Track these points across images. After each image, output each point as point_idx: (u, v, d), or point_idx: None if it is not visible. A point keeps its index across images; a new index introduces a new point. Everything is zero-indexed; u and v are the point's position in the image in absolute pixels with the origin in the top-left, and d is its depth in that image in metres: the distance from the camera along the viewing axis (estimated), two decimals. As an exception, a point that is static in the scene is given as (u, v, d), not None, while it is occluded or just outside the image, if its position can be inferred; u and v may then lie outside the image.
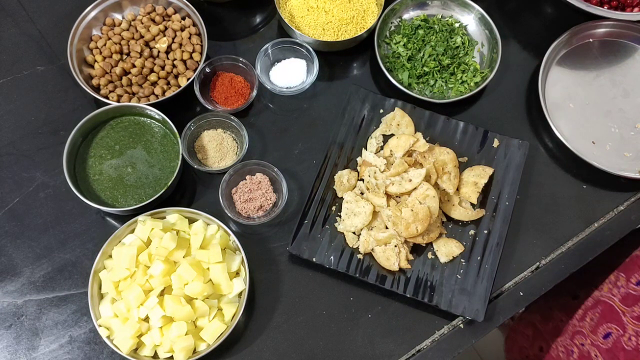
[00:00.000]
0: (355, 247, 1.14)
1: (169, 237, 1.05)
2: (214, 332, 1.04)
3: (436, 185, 1.17)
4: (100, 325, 1.04)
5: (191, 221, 1.12)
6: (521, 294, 1.15)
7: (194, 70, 1.23)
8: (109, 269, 1.07)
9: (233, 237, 1.09)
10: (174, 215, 1.11)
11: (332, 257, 1.13)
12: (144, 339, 1.04)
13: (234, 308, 1.07)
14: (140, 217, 1.09)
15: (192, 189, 1.20)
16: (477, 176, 1.18)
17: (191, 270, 1.03)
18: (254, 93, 1.22)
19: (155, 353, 1.05)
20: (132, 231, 1.10)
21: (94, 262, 1.06)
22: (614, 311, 1.20)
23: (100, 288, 1.07)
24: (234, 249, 1.11)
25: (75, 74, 1.18)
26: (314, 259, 1.12)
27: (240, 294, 1.08)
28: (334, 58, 1.31)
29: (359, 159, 1.20)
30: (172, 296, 1.03)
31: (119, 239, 1.10)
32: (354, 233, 1.15)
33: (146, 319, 1.04)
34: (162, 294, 1.05)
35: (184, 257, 1.07)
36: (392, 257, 1.11)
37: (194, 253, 1.08)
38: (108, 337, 1.03)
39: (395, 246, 1.11)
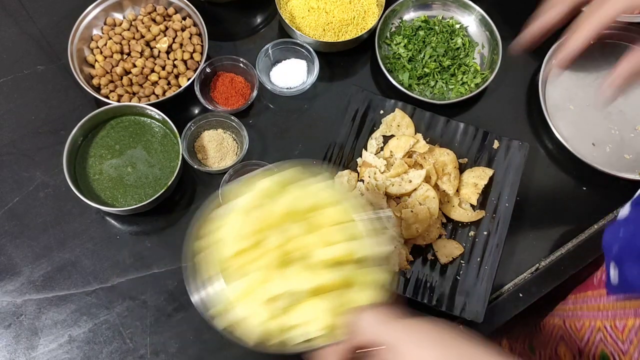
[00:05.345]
0: (354, 248, 1.14)
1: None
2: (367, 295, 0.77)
3: (436, 187, 1.16)
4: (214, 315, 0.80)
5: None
6: (521, 295, 1.15)
7: (195, 71, 1.23)
8: (212, 246, 0.80)
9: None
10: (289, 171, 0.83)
11: (331, 257, 1.13)
12: (283, 319, 0.78)
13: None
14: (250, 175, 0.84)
15: (192, 189, 1.20)
16: (477, 177, 1.18)
17: (333, 229, 0.78)
18: (254, 93, 1.22)
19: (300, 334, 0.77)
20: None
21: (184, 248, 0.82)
22: None
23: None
24: None
25: (76, 74, 1.18)
26: (314, 260, 1.12)
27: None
28: (335, 59, 1.31)
29: (359, 160, 1.20)
30: (316, 262, 0.77)
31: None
32: (353, 234, 1.14)
33: (282, 296, 0.77)
34: (297, 262, 0.78)
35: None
36: (391, 259, 1.11)
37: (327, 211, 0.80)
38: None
39: (395, 247, 1.11)
